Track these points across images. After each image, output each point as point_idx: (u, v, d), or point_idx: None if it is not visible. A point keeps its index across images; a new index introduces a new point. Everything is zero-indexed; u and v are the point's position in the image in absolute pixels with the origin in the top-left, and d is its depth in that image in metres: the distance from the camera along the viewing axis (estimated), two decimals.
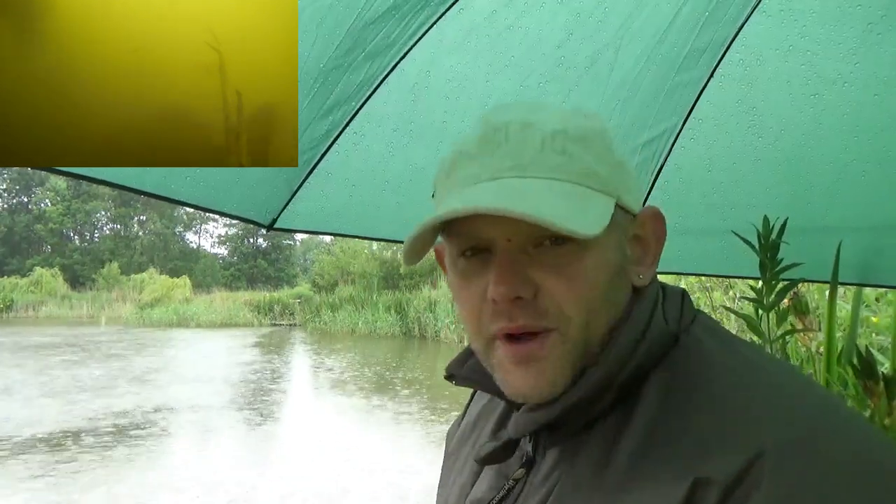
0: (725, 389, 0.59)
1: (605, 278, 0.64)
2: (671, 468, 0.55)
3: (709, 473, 0.53)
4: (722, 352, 0.64)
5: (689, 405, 0.59)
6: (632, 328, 0.64)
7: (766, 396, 0.58)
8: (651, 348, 0.63)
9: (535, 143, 0.64)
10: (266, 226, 1.69)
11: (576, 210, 0.61)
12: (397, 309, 25.01)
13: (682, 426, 0.58)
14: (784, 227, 1.89)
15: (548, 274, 0.63)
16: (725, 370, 0.62)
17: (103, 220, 58.63)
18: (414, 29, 1.45)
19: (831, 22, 1.59)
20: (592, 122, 0.68)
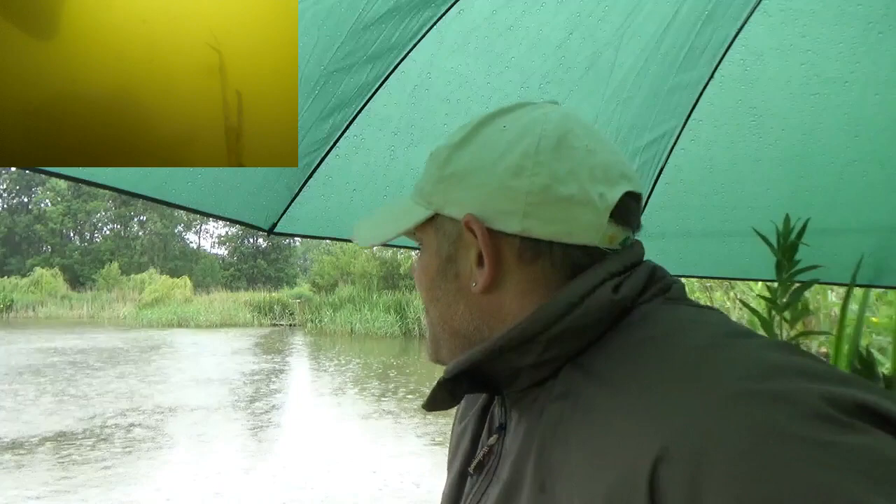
0: (664, 366, 0.58)
1: (427, 277, 0.77)
2: (626, 447, 0.55)
3: (668, 444, 0.52)
4: (672, 319, 0.64)
5: (632, 382, 0.58)
6: (567, 295, 0.65)
7: (700, 361, 0.57)
8: (588, 312, 0.65)
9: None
10: (266, 230, 1.69)
11: (381, 223, 0.79)
12: (397, 309, 25.01)
13: (626, 405, 0.57)
14: (804, 228, 1.87)
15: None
16: (669, 342, 0.61)
17: (103, 220, 58.64)
18: (414, 31, 1.45)
19: (832, 21, 1.59)
20: (446, 140, 0.76)
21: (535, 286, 0.69)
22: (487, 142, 0.71)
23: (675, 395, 0.55)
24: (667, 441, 0.52)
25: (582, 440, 0.60)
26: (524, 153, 0.68)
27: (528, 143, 0.68)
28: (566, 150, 0.68)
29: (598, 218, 0.67)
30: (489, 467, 0.74)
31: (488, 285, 0.70)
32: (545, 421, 0.65)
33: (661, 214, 2.13)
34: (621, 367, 0.61)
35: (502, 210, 0.68)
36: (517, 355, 0.67)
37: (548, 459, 0.63)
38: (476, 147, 0.72)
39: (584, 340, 0.65)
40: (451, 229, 0.73)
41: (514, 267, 0.69)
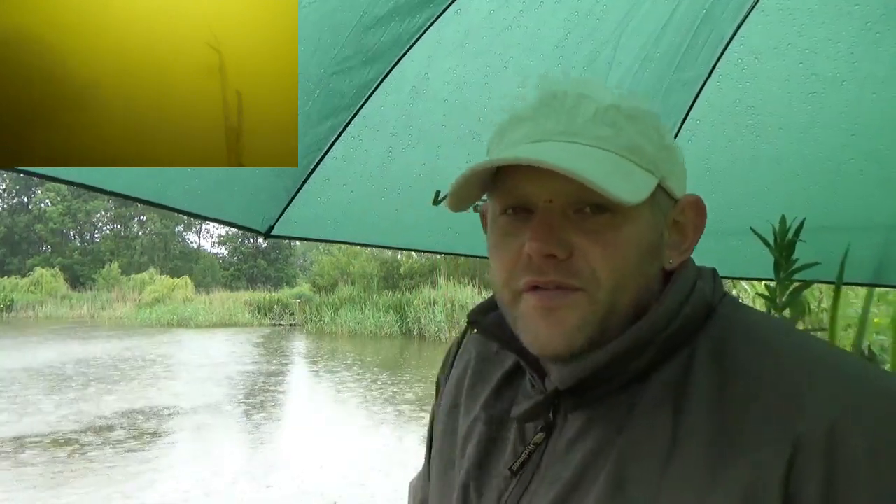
0: (782, 350, 0.62)
1: (639, 251, 0.67)
2: (767, 429, 0.57)
3: (802, 431, 0.55)
4: (758, 317, 0.69)
5: (752, 367, 0.61)
6: (677, 291, 0.67)
7: (821, 356, 0.62)
8: (694, 311, 0.66)
9: (588, 112, 0.67)
10: (263, 233, 1.68)
11: (618, 178, 0.63)
12: (397, 309, 24.99)
13: (754, 390, 0.60)
14: (801, 226, 1.87)
15: (584, 237, 0.65)
16: (772, 333, 0.66)
17: (103, 220, 58.58)
18: (412, 31, 1.44)
19: (830, 20, 1.60)
20: (645, 105, 0.71)
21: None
22: (661, 123, 0.72)
23: (801, 383, 0.58)
24: (803, 425, 0.55)
25: (692, 450, 0.59)
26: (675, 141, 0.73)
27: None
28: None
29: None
30: (530, 465, 0.70)
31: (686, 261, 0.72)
32: (632, 432, 0.64)
33: None
34: (733, 365, 0.62)
35: (682, 187, 0.73)
36: (633, 359, 0.65)
37: (630, 469, 0.62)
38: (663, 127, 0.72)
39: (684, 341, 0.66)
40: (664, 202, 0.70)
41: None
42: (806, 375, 0.58)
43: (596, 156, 0.65)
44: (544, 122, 0.68)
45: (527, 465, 0.70)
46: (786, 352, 0.62)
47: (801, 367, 0.60)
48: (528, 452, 0.70)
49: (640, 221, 0.66)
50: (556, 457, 0.68)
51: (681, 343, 0.66)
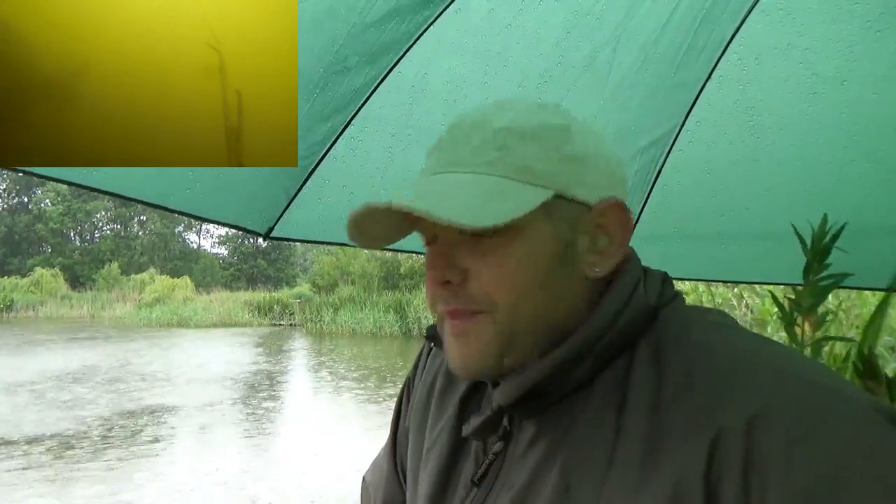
0: (714, 346, 0.63)
1: (535, 267, 0.67)
2: (691, 424, 0.58)
3: (723, 423, 0.56)
4: (697, 317, 0.70)
5: (683, 365, 0.62)
6: (613, 300, 0.67)
7: (751, 351, 0.63)
8: (633, 318, 0.67)
9: (476, 140, 0.69)
10: (262, 234, 1.68)
11: (481, 203, 0.65)
12: (397, 309, 25.00)
13: (684, 387, 0.61)
14: (841, 231, 1.80)
15: (476, 261, 0.67)
16: (707, 331, 0.66)
17: (103, 220, 58.59)
18: (411, 31, 1.44)
19: (830, 20, 1.60)
20: (550, 118, 0.71)
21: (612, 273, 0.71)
22: (586, 128, 0.72)
23: (718, 389, 0.58)
24: (724, 418, 0.56)
25: (628, 451, 0.60)
26: (610, 146, 0.73)
27: (603, 137, 0.73)
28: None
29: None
30: (490, 474, 0.72)
31: (616, 268, 0.71)
32: (577, 435, 0.65)
33: (660, 216, 2.13)
34: (665, 368, 0.63)
35: (604, 191, 0.70)
36: (572, 370, 0.66)
37: (576, 473, 0.63)
38: (582, 130, 0.71)
39: (624, 346, 0.67)
40: (570, 211, 0.69)
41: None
42: (733, 370, 0.59)
43: (469, 184, 0.67)
44: (440, 153, 0.73)
45: (488, 475, 0.72)
46: (717, 348, 0.63)
47: (729, 361, 0.60)
48: (488, 463, 0.72)
49: (534, 236, 0.67)
50: (512, 464, 0.70)
51: (622, 349, 0.67)
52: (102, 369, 14.20)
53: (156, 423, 9.22)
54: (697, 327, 0.67)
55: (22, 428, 8.71)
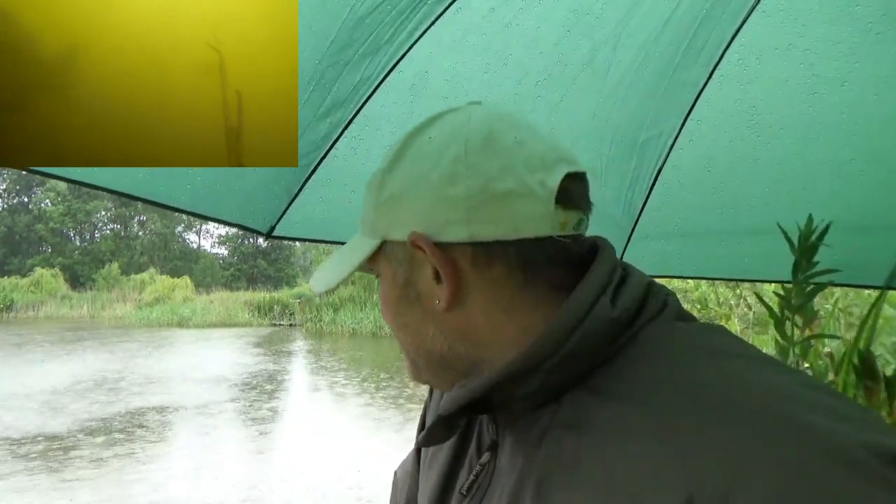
0: (696, 387, 0.56)
1: (390, 308, 0.75)
2: (658, 471, 0.53)
3: (694, 489, 0.50)
4: (684, 339, 0.63)
5: (656, 409, 0.56)
6: (563, 316, 0.62)
7: (736, 402, 0.54)
8: (589, 334, 0.62)
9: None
10: (264, 233, 1.68)
11: (333, 265, 0.77)
12: None
13: (658, 421, 0.55)
14: (827, 229, 1.82)
15: None
16: (695, 363, 0.59)
17: (103, 220, 58.62)
18: (411, 29, 1.44)
19: (831, 21, 1.60)
20: (385, 158, 0.73)
21: (500, 291, 0.67)
22: (417, 156, 0.69)
23: (703, 429, 0.52)
24: (695, 481, 0.50)
25: (593, 473, 0.57)
26: (454, 159, 0.66)
27: (457, 148, 0.66)
28: (495, 147, 0.65)
29: (543, 207, 0.64)
30: (479, 485, 0.71)
31: (451, 300, 0.67)
32: (546, 451, 0.63)
33: (660, 215, 2.14)
34: (640, 393, 0.58)
35: (445, 221, 0.66)
36: (517, 386, 0.64)
37: (548, 491, 0.61)
38: (407, 164, 0.70)
39: (590, 363, 0.63)
40: (400, 253, 0.71)
41: (472, 276, 0.67)
42: (713, 419, 0.52)
43: (343, 249, 0.79)
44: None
45: (477, 486, 0.72)
46: (699, 385, 0.56)
47: (711, 406, 0.53)
48: (475, 474, 0.73)
49: (385, 280, 0.75)
50: (499, 475, 0.70)
51: (589, 367, 0.63)
52: (110, 379, 14.19)
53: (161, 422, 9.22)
54: (680, 355, 0.60)
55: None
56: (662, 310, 0.66)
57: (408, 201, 0.69)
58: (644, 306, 0.66)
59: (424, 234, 0.67)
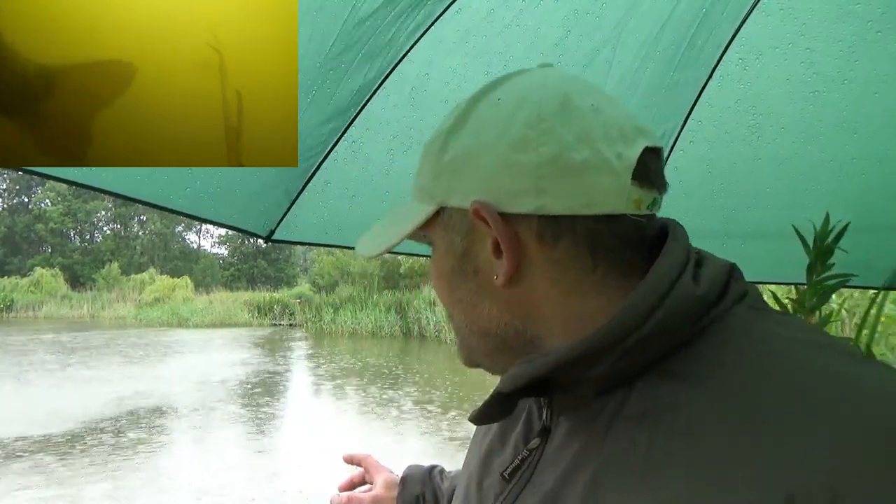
0: (794, 376, 0.52)
1: (444, 280, 0.69)
2: (749, 472, 0.48)
3: (797, 489, 0.46)
4: (778, 330, 0.57)
5: (753, 392, 0.52)
6: (645, 292, 0.57)
7: (839, 394, 0.50)
8: (673, 313, 0.57)
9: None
10: (264, 237, 1.67)
11: (384, 230, 0.71)
12: (398, 309, 25.00)
13: (747, 418, 0.51)
14: (844, 231, 1.79)
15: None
16: (791, 352, 0.55)
17: (103, 220, 58.65)
18: (411, 30, 1.44)
19: (831, 20, 1.59)
20: (444, 122, 0.69)
21: (564, 270, 0.61)
22: (483, 119, 0.64)
23: (806, 426, 0.48)
24: (798, 481, 0.46)
25: (672, 471, 0.52)
26: (526, 123, 0.60)
27: (529, 112, 0.61)
28: (571, 112, 0.60)
29: (619, 181, 0.59)
30: (524, 471, 0.67)
31: (511, 276, 0.62)
32: (612, 444, 0.58)
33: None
34: (728, 381, 0.53)
35: (512, 190, 0.60)
36: (589, 367, 0.59)
37: (604, 489, 0.56)
38: (472, 127, 0.64)
39: (669, 344, 0.58)
40: (460, 221, 0.66)
41: (536, 251, 0.62)
42: (816, 417, 0.48)
43: (395, 213, 0.74)
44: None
45: (520, 471, 0.67)
46: (798, 377, 0.51)
47: (812, 403, 0.49)
48: (521, 458, 0.68)
49: (439, 250, 0.69)
50: (546, 463, 0.65)
51: (671, 348, 0.58)
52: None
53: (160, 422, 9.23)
54: (771, 343, 0.56)
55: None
56: (745, 295, 0.62)
57: (471, 167, 0.64)
58: (727, 289, 0.61)
59: (488, 203, 0.61)
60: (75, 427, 8.83)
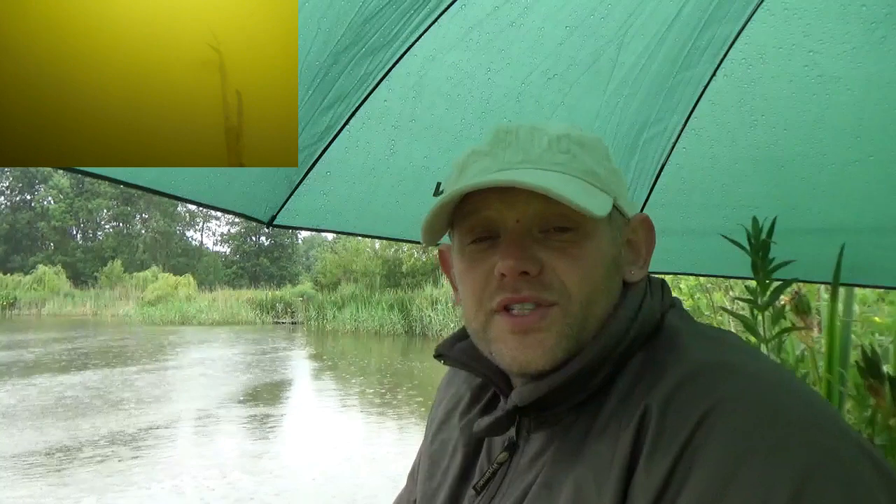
0: (688, 353, 0.65)
1: (604, 265, 0.70)
2: (631, 409, 0.62)
3: (652, 400, 0.60)
4: (687, 327, 0.71)
5: (657, 372, 0.64)
6: (626, 312, 0.69)
7: (724, 362, 0.62)
8: (641, 330, 0.69)
9: (542, 142, 0.72)
10: (265, 222, 1.68)
11: (584, 195, 0.67)
12: (400, 307, 25.03)
13: (649, 385, 0.63)
14: (773, 226, 1.90)
15: (553, 254, 0.69)
16: (692, 342, 0.67)
17: (106, 217, 58.73)
18: (415, 25, 1.44)
19: (834, 20, 1.59)
20: (591, 133, 0.76)
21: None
22: (594, 137, 0.76)
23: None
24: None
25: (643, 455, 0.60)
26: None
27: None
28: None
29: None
30: (493, 482, 0.74)
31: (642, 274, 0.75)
32: (593, 442, 0.65)
33: (663, 212, 2.13)
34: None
35: (632, 207, 0.78)
36: (593, 376, 0.68)
37: (591, 474, 0.62)
38: (594, 140, 0.76)
39: (631, 355, 0.68)
40: (619, 221, 0.75)
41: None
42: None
43: (559, 178, 0.69)
44: (502, 154, 0.72)
45: (490, 484, 0.73)
46: (695, 363, 0.63)
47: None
48: (492, 471, 0.74)
49: (601, 238, 0.71)
50: (517, 475, 0.71)
51: (628, 358, 0.68)
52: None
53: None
54: (685, 335, 0.68)
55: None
56: (671, 306, 0.77)
57: (623, 182, 0.78)
58: (663, 301, 0.77)
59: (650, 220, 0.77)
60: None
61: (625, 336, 0.68)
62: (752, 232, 1.92)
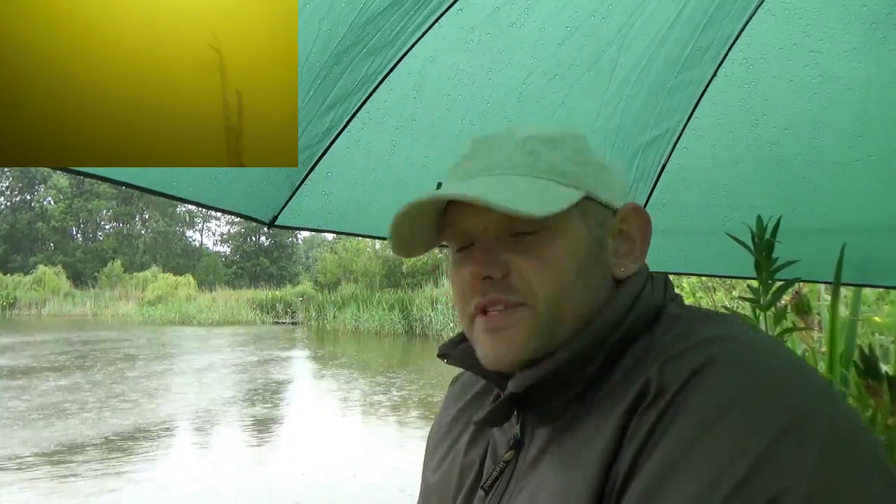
0: (686, 333, 0.66)
1: (575, 262, 0.71)
2: (631, 385, 0.63)
3: (652, 375, 0.61)
4: (692, 318, 0.71)
5: (657, 352, 0.65)
6: (622, 300, 0.71)
7: (722, 337, 0.64)
8: (639, 316, 0.70)
9: (507, 146, 0.75)
10: (267, 223, 1.69)
11: (530, 196, 0.69)
12: (400, 307, 25.01)
13: (650, 363, 0.64)
14: (778, 225, 1.89)
15: (519, 256, 0.71)
16: (691, 323, 0.69)
17: (106, 217, 58.72)
18: (415, 26, 1.44)
19: (835, 21, 1.59)
20: (568, 130, 0.78)
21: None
22: (568, 134, 0.78)
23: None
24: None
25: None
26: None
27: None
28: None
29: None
30: (501, 481, 0.74)
31: (636, 268, 0.75)
32: (592, 435, 0.65)
33: (664, 212, 2.13)
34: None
35: (620, 197, 0.78)
36: (588, 363, 0.69)
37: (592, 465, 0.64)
38: (568, 137, 0.77)
39: (629, 343, 0.69)
40: (599, 213, 0.75)
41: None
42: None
43: (510, 182, 0.72)
44: (472, 161, 0.76)
45: (498, 482, 0.74)
46: (694, 338, 0.65)
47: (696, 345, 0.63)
48: (499, 470, 0.75)
49: (571, 234, 0.72)
50: (523, 472, 0.72)
51: (627, 346, 0.69)
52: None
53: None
54: (684, 320, 0.69)
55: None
56: (674, 298, 0.78)
57: (609, 173, 0.78)
58: (664, 294, 0.77)
59: (640, 208, 0.77)
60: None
61: (620, 324, 0.69)
62: (757, 231, 1.91)
